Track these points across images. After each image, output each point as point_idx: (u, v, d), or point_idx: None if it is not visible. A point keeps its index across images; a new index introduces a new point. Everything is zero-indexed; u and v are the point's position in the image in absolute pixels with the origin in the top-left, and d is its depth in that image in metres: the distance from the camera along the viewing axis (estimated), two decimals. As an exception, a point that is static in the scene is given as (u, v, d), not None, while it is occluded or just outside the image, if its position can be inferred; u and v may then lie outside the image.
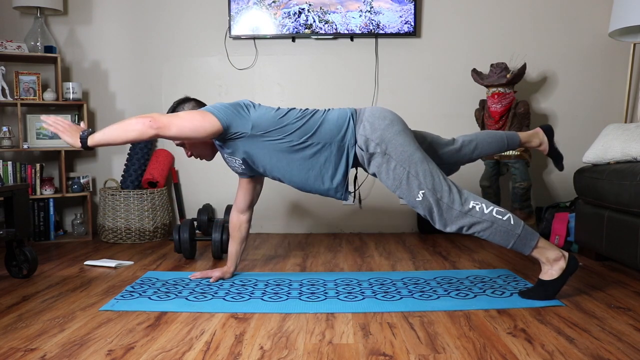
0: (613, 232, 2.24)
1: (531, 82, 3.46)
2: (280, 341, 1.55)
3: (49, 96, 3.25)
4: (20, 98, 3.21)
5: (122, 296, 2.02)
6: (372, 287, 2.12)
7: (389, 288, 2.10)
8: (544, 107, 3.49)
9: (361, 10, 3.36)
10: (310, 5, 3.36)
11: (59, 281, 2.28)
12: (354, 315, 1.78)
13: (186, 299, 1.98)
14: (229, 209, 3.12)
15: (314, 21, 3.37)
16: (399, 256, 2.77)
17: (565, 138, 3.38)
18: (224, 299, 1.98)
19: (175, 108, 2.13)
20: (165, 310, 1.84)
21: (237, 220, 2.29)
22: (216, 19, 3.49)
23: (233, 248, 2.30)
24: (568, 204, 3.03)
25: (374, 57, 3.48)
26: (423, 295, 1.99)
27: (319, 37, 3.42)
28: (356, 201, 3.51)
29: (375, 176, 1.97)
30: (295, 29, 3.38)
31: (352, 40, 3.47)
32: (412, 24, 3.36)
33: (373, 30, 3.37)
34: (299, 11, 3.37)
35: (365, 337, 1.58)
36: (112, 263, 2.57)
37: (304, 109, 2.05)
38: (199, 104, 2.14)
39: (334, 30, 3.38)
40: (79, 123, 3.31)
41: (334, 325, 1.69)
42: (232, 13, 3.38)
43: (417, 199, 1.88)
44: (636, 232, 2.06)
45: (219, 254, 2.64)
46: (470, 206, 1.86)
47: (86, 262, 2.61)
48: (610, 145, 2.36)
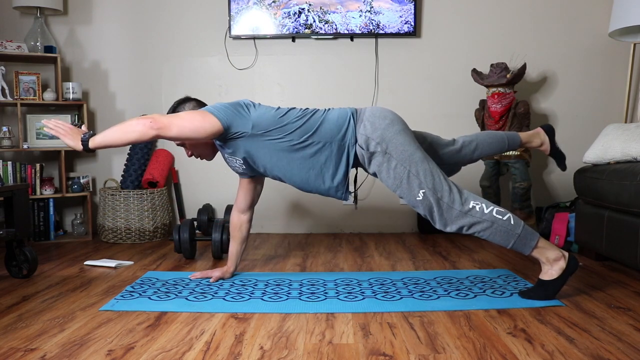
0: (613, 232, 2.24)
1: (531, 82, 3.46)
2: (280, 341, 1.55)
3: (49, 96, 3.25)
4: (20, 98, 3.21)
5: (122, 296, 2.02)
6: (372, 287, 2.12)
7: (389, 288, 2.10)
8: (544, 107, 3.49)
9: (361, 10, 3.36)
10: (310, 5, 3.36)
11: (59, 281, 2.28)
12: (354, 315, 1.78)
13: (186, 299, 1.98)
14: (229, 209, 3.12)
15: (314, 21, 3.37)
16: (399, 256, 2.77)
17: (565, 138, 3.38)
18: (224, 299, 1.98)
19: (175, 108, 2.13)
20: (165, 310, 1.84)
21: (237, 220, 2.29)
22: (216, 19, 3.49)
23: (233, 248, 2.31)
24: (568, 204, 3.03)
25: (374, 57, 3.48)
26: (423, 295, 1.99)
27: (319, 37, 3.42)
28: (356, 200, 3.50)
29: (376, 176, 1.97)
30: (295, 29, 3.38)
31: (352, 40, 3.47)
32: (412, 24, 3.36)
33: (373, 30, 3.37)
34: (299, 11, 3.37)
35: (365, 337, 1.58)
36: (112, 263, 2.57)
37: (304, 108, 2.05)
38: (200, 104, 2.14)
39: (334, 30, 3.38)
40: (79, 123, 3.33)
41: (334, 325, 1.69)
42: (232, 13, 3.38)
43: (418, 198, 1.88)
44: (636, 232, 2.06)
45: (219, 254, 2.64)
46: (471, 206, 1.86)
47: (86, 262, 2.61)
48: (610, 145, 2.36)
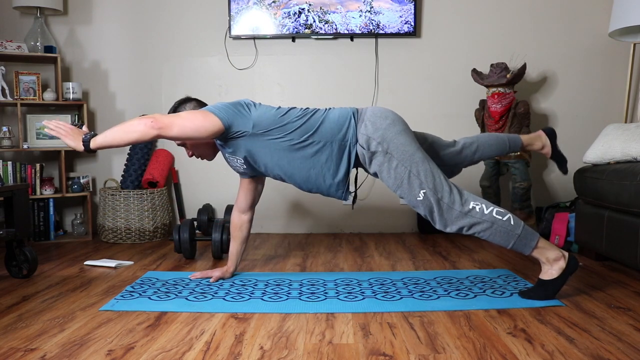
0: (613, 232, 2.24)
1: (531, 82, 3.46)
2: (280, 341, 1.55)
3: (49, 96, 3.25)
4: (20, 98, 3.21)
5: (122, 296, 2.02)
6: (372, 287, 2.12)
7: (389, 288, 2.10)
8: (544, 107, 3.49)
9: (361, 10, 3.36)
10: (310, 5, 3.36)
11: (59, 281, 2.28)
12: (354, 315, 1.78)
13: (186, 299, 1.98)
14: (229, 209, 3.11)
15: (314, 21, 3.37)
16: (399, 256, 2.77)
17: (565, 138, 3.38)
18: (224, 299, 1.98)
19: (176, 108, 2.13)
20: (165, 310, 1.84)
21: (238, 220, 2.29)
22: (216, 19, 3.49)
23: (234, 248, 2.31)
24: (568, 204, 3.03)
25: (374, 57, 3.48)
26: (423, 295, 1.99)
27: (319, 37, 3.42)
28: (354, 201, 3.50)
29: (376, 176, 1.97)
30: (295, 29, 3.38)
31: (352, 40, 3.47)
32: (412, 24, 3.36)
33: (373, 30, 3.37)
34: (299, 11, 3.37)
35: (365, 337, 1.58)
36: (112, 263, 2.57)
37: (305, 108, 2.05)
38: (200, 104, 2.14)
39: (334, 30, 3.38)
40: (79, 123, 3.32)
41: (334, 325, 1.69)
42: (232, 13, 3.38)
43: (418, 198, 1.88)
44: (636, 232, 2.06)
45: (219, 254, 2.64)
46: (471, 207, 1.86)
47: (86, 262, 2.61)
48: (611, 145, 2.36)
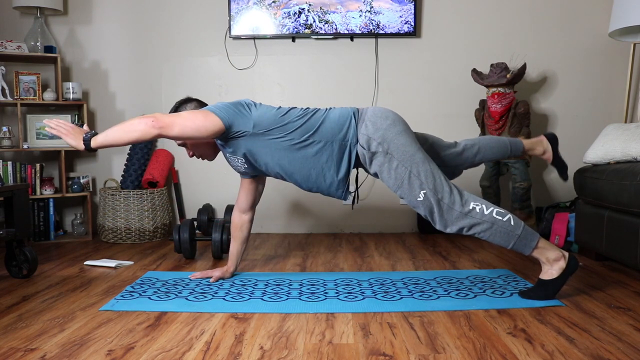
0: (613, 232, 2.24)
1: (531, 82, 3.46)
2: (280, 341, 1.55)
3: (49, 96, 3.25)
4: (20, 98, 3.21)
5: (122, 296, 2.02)
6: (372, 287, 2.12)
7: (389, 288, 2.10)
8: (544, 107, 3.49)
9: (361, 10, 3.36)
10: (310, 5, 3.36)
11: (59, 281, 2.28)
12: (354, 315, 1.78)
13: (186, 299, 1.98)
14: (229, 209, 3.11)
15: (314, 21, 3.37)
16: (399, 256, 2.77)
17: (565, 138, 3.38)
18: (224, 299, 1.98)
19: (177, 108, 2.13)
20: (165, 310, 1.84)
21: (239, 220, 2.29)
22: (216, 19, 3.49)
23: (234, 248, 2.31)
24: (568, 204, 3.03)
25: (374, 57, 3.48)
26: (423, 295, 1.99)
27: (319, 37, 3.42)
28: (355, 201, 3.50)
29: (377, 176, 1.97)
30: (295, 29, 3.38)
31: (352, 40, 3.47)
32: (412, 24, 3.36)
33: (373, 30, 3.37)
34: (299, 11, 3.37)
35: (365, 337, 1.58)
36: (112, 263, 2.57)
37: (305, 108, 2.05)
38: (201, 104, 2.14)
39: (334, 30, 3.38)
40: (79, 123, 3.32)
41: (334, 325, 1.69)
42: (232, 13, 3.38)
43: (419, 199, 1.88)
44: (636, 232, 2.06)
45: (219, 254, 2.64)
46: (471, 207, 1.86)
47: (86, 262, 2.61)
48: (611, 145, 2.36)
